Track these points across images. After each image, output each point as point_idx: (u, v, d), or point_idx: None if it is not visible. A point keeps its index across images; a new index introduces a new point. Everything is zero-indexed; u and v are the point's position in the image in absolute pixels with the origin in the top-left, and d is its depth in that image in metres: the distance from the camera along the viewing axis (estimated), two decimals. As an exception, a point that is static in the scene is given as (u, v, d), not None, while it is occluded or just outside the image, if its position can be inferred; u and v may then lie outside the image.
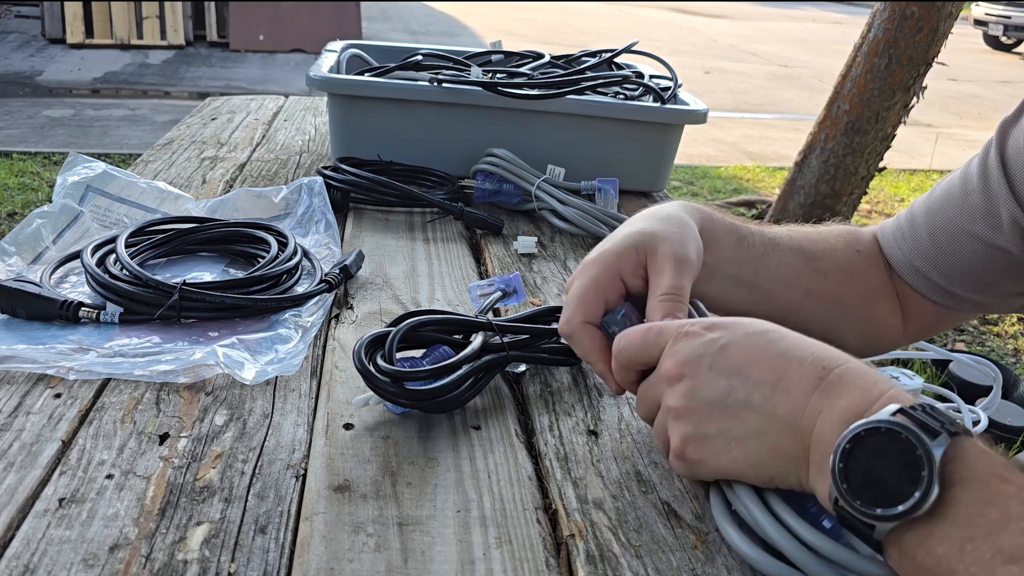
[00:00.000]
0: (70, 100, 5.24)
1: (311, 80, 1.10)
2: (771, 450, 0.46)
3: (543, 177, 1.05)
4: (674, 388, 0.50)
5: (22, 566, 0.44)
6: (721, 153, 5.26)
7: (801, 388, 0.45)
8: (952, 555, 0.37)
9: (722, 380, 0.47)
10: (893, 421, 0.40)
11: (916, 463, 0.39)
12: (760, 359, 0.47)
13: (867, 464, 0.40)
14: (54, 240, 0.83)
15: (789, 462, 0.45)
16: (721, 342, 0.48)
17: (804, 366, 0.46)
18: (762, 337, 0.48)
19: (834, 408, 0.44)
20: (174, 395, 0.61)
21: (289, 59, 6.84)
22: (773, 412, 0.46)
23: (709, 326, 0.50)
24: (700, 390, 0.48)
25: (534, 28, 9.96)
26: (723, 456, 0.48)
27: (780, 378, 0.46)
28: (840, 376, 0.45)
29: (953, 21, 2.93)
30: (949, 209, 0.70)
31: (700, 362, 0.48)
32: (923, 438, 0.39)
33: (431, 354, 0.63)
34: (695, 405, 0.48)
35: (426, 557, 0.48)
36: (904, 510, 0.38)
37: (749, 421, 0.46)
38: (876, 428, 0.40)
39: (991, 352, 2.83)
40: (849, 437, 0.41)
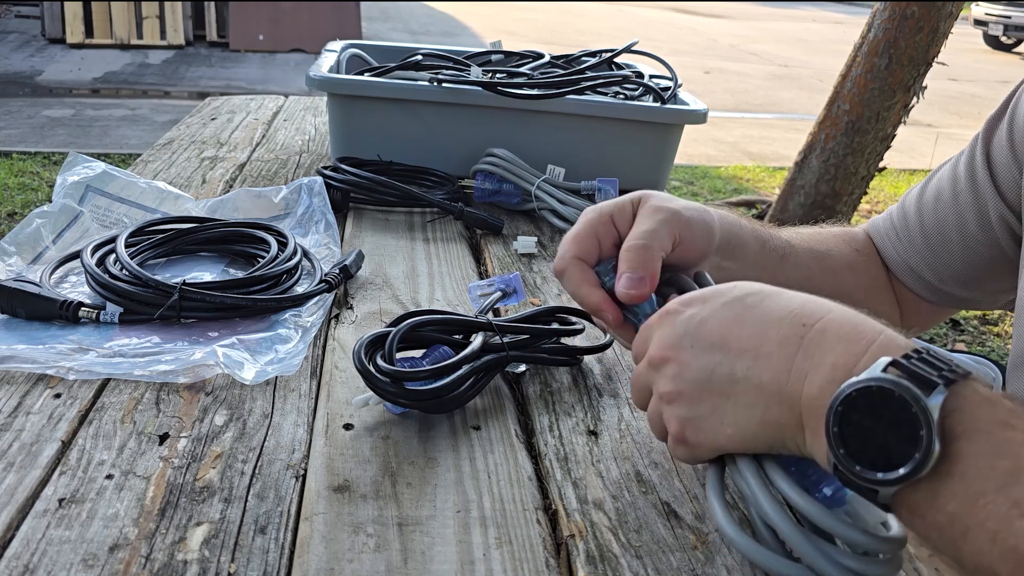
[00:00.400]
0: (70, 100, 5.24)
1: (311, 80, 1.10)
2: (762, 421, 0.44)
3: (543, 177, 1.05)
4: (662, 372, 0.48)
5: (22, 566, 0.44)
6: (721, 153, 5.26)
7: (783, 351, 0.43)
8: (965, 511, 0.36)
9: (705, 357, 0.46)
10: (884, 378, 0.37)
11: (913, 421, 0.36)
12: (739, 328, 0.45)
13: (863, 426, 0.38)
14: (54, 240, 0.83)
15: (783, 430, 0.43)
16: (699, 318, 0.47)
17: (783, 327, 0.44)
18: (740, 304, 0.46)
19: (820, 367, 0.41)
20: (174, 395, 0.61)
21: (289, 59, 6.84)
22: (759, 381, 0.44)
23: (688, 301, 0.49)
24: (686, 371, 0.47)
25: (534, 28, 9.96)
26: (719, 434, 0.46)
27: (760, 344, 0.44)
28: (822, 331, 0.43)
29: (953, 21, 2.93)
30: (940, 209, 0.71)
31: (682, 342, 0.47)
32: (918, 394, 0.36)
33: (431, 354, 0.63)
34: (683, 387, 0.47)
35: (426, 557, 0.48)
36: (905, 473, 0.36)
37: (737, 395, 0.45)
38: (867, 388, 0.38)
39: (991, 352, 2.83)
40: (840, 399, 0.38)
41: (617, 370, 0.71)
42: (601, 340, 0.71)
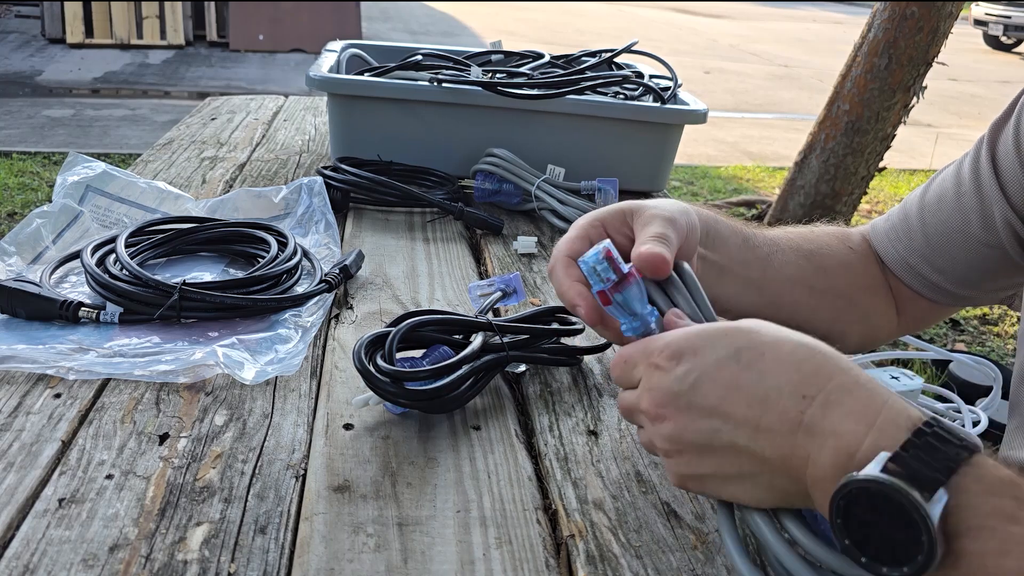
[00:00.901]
0: (70, 100, 5.24)
1: (311, 80, 1.10)
2: (769, 488, 0.44)
3: (543, 177, 1.05)
4: (657, 428, 0.47)
5: (22, 566, 0.44)
6: (721, 153, 5.26)
7: (783, 427, 0.42)
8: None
9: (703, 421, 0.45)
10: (883, 481, 0.37)
11: (914, 524, 0.36)
12: (735, 395, 0.44)
13: (866, 519, 0.38)
14: (54, 240, 0.83)
15: (792, 496, 0.43)
16: (691, 379, 0.45)
17: (783, 398, 0.42)
18: (735, 364, 0.44)
19: (823, 449, 0.41)
20: (174, 395, 0.61)
21: (289, 59, 6.84)
22: (762, 455, 0.43)
23: (677, 355, 0.46)
24: (684, 433, 0.46)
25: (534, 28, 9.96)
26: (723, 491, 0.46)
27: (760, 416, 0.43)
28: (823, 406, 0.41)
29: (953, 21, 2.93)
30: (943, 210, 0.71)
31: (677, 402, 0.46)
32: (917, 502, 0.36)
33: (431, 354, 0.63)
34: (681, 447, 0.46)
35: (426, 557, 0.48)
36: (909, 572, 0.37)
37: (740, 462, 0.44)
38: (866, 488, 0.37)
39: (991, 352, 2.83)
40: (842, 494, 0.38)
41: (617, 370, 0.71)
42: (601, 340, 0.71)
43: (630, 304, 0.51)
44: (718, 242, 0.65)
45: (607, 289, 0.50)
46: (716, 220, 0.66)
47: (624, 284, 0.50)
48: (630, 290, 0.50)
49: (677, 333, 0.48)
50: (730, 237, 0.66)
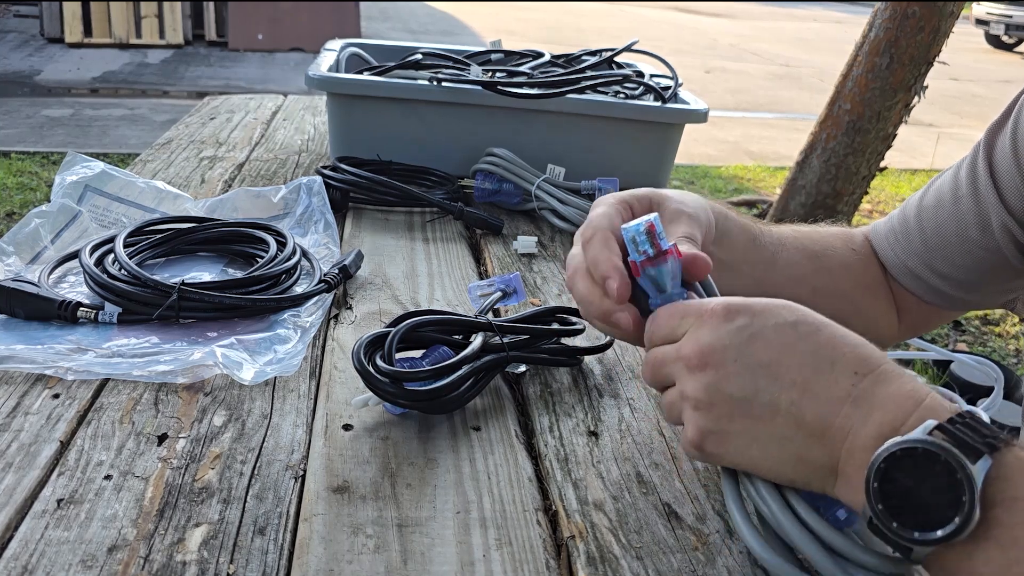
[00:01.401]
0: (69, 100, 5.23)
1: (310, 79, 1.10)
2: (796, 457, 0.43)
3: (543, 177, 1.05)
4: (694, 376, 0.46)
5: (20, 567, 0.44)
6: (722, 153, 5.25)
7: (832, 395, 0.43)
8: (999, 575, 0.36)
9: (748, 377, 0.44)
10: (931, 441, 0.38)
11: (956, 486, 0.37)
12: (790, 357, 0.44)
13: (903, 484, 0.38)
14: (52, 240, 0.83)
15: (815, 470, 0.43)
16: (747, 333, 0.45)
17: (836, 370, 0.43)
18: (792, 331, 0.45)
19: (868, 421, 0.41)
20: (173, 396, 0.61)
21: (288, 58, 6.84)
22: (801, 418, 0.43)
23: (736, 310, 0.46)
24: (724, 385, 0.45)
25: (534, 27, 9.96)
26: (743, 454, 0.45)
27: (810, 381, 0.43)
28: (874, 383, 0.42)
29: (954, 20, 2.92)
30: (941, 214, 0.71)
31: (725, 353, 0.45)
32: (964, 461, 0.37)
33: (431, 354, 0.63)
34: (717, 400, 0.45)
35: (426, 558, 0.47)
36: (943, 535, 0.37)
37: (774, 424, 0.44)
38: (912, 448, 0.38)
39: (992, 352, 2.83)
40: (884, 456, 0.39)
41: (617, 370, 0.70)
42: (601, 340, 0.71)
43: (662, 280, 0.51)
44: (726, 240, 0.65)
45: (642, 261, 0.51)
46: (727, 218, 0.66)
47: (660, 260, 0.51)
48: (665, 267, 0.51)
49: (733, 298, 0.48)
50: (738, 236, 0.66)
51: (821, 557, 0.42)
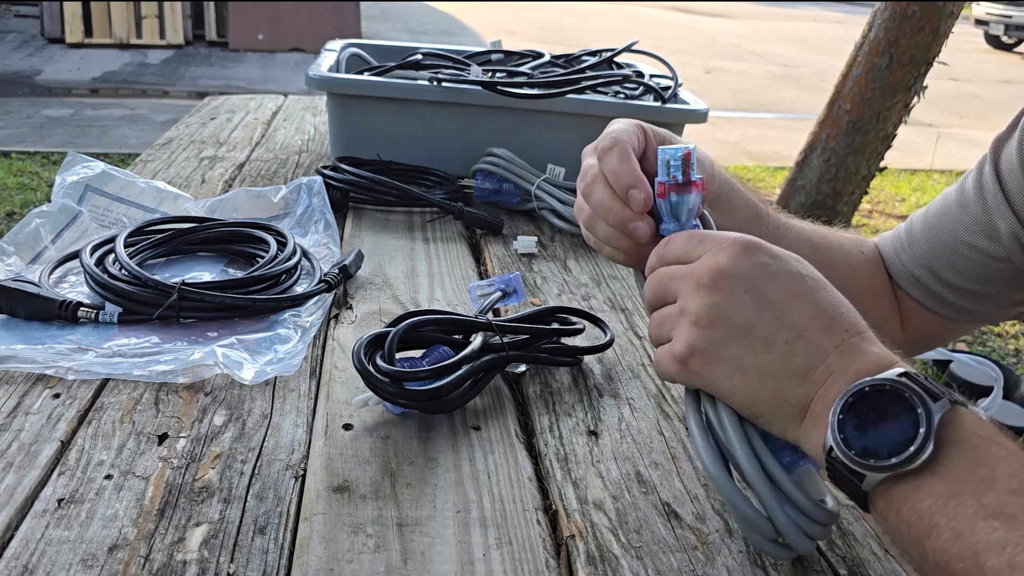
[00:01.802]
0: (69, 100, 5.23)
1: (310, 79, 1.10)
2: (774, 393, 0.46)
3: (543, 177, 1.05)
4: (701, 294, 0.47)
5: (21, 566, 0.44)
6: (722, 153, 5.25)
7: (823, 344, 0.46)
8: (936, 509, 0.39)
9: (753, 309, 0.46)
10: (898, 380, 0.41)
11: (915, 421, 0.40)
12: (796, 302, 0.47)
13: (867, 418, 0.41)
14: (53, 240, 0.83)
15: (787, 409, 0.46)
16: (764, 271, 0.47)
17: (832, 324, 0.46)
18: (803, 281, 0.47)
19: (847, 371, 0.44)
20: (173, 395, 0.61)
21: (288, 58, 6.84)
22: (791, 358, 0.46)
23: (757, 247, 0.48)
24: (728, 309, 0.47)
25: (534, 28, 9.96)
26: (724, 380, 0.47)
27: (808, 328, 0.46)
28: (860, 341, 0.46)
29: (954, 21, 2.93)
30: (947, 222, 0.72)
31: (739, 282, 0.47)
32: (925, 397, 0.40)
33: (431, 354, 0.63)
34: (717, 321, 0.47)
35: (426, 558, 0.47)
36: (897, 462, 0.40)
37: (764, 358, 0.46)
38: (880, 385, 0.41)
39: (992, 352, 2.83)
40: (853, 391, 0.42)
41: (617, 370, 0.70)
42: (601, 340, 0.71)
43: (680, 208, 0.53)
44: (726, 208, 0.65)
45: (670, 185, 0.53)
46: (732, 187, 0.66)
47: (686, 189, 0.53)
48: (688, 197, 0.53)
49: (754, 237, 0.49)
50: (741, 208, 0.67)
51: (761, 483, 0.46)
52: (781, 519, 0.46)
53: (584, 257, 0.96)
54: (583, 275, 0.91)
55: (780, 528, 0.46)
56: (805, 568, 0.49)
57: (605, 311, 0.82)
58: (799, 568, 0.49)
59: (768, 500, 0.46)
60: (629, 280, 0.90)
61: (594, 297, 0.85)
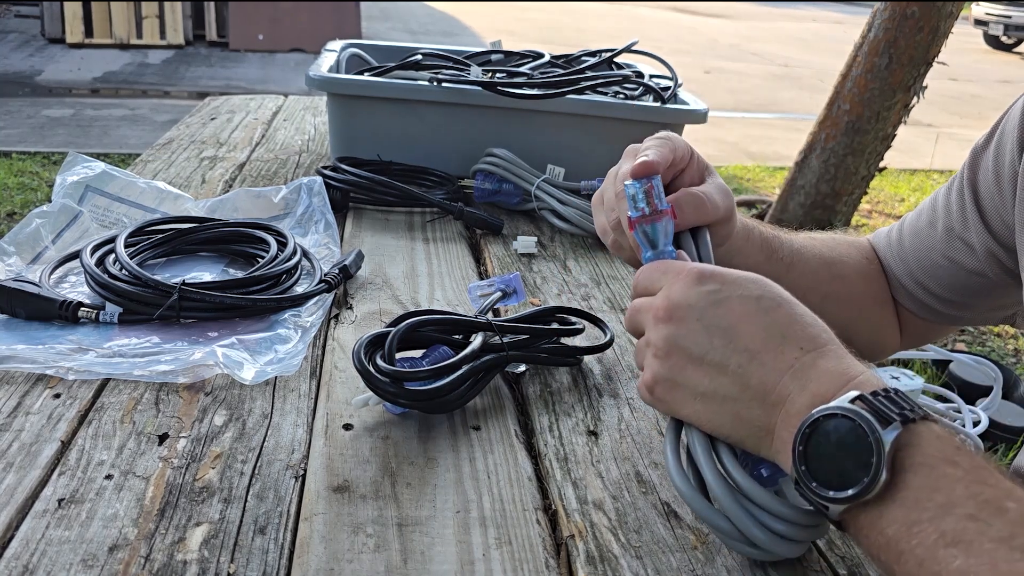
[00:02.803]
0: (70, 100, 5.23)
1: (311, 80, 1.10)
2: (735, 415, 0.47)
3: (543, 177, 1.05)
4: (659, 327, 0.50)
5: (21, 566, 0.44)
6: (721, 153, 5.25)
7: (778, 365, 0.46)
8: (900, 536, 0.39)
9: (705, 336, 0.48)
10: (848, 408, 0.41)
11: (868, 450, 0.40)
12: (746, 326, 0.48)
13: (824, 448, 0.42)
14: (53, 240, 0.83)
15: (753, 430, 0.47)
16: (716, 297, 0.49)
17: (785, 343, 0.47)
18: (755, 303, 0.48)
19: (803, 391, 0.45)
20: (173, 395, 0.61)
21: (288, 59, 6.84)
22: (746, 381, 0.47)
23: (708, 276, 0.50)
24: (682, 339, 0.49)
25: (534, 28, 9.96)
26: (686, 406, 0.49)
27: (760, 350, 0.47)
28: (815, 358, 0.46)
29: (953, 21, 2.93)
30: (931, 236, 0.73)
31: (690, 312, 0.49)
32: (875, 426, 0.40)
33: (431, 354, 0.63)
34: (673, 351, 0.49)
35: (426, 557, 0.47)
36: (853, 494, 0.40)
37: (720, 383, 0.48)
38: (832, 415, 0.42)
39: (991, 352, 2.83)
40: (809, 422, 0.42)
41: (617, 370, 0.71)
42: (601, 340, 0.71)
43: (655, 236, 0.56)
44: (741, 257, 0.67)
45: (637, 218, 0.56)
46: (748, 233, 0.68)
47: (655, 218, 0.56)
48: (659, 224, 0.56)
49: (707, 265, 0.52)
50: (755, 253, 0.69)
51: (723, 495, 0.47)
52: (750, 528, 0.46)
53: (584, 257, 0.96)
54: (583, 275, 0.91)
55: (750, 536, 0.47)
56: (805, 568, 0.50)
57: (605, 311, 0.82)
58: (799, 568, 0.50)
59: (733, 511, 0.47)
60: (629, 280, 0.90)
61: (594, 297, 0.85)
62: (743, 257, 0.67)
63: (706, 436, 0.49)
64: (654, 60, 1.27)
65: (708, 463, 0.48)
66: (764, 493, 0.47)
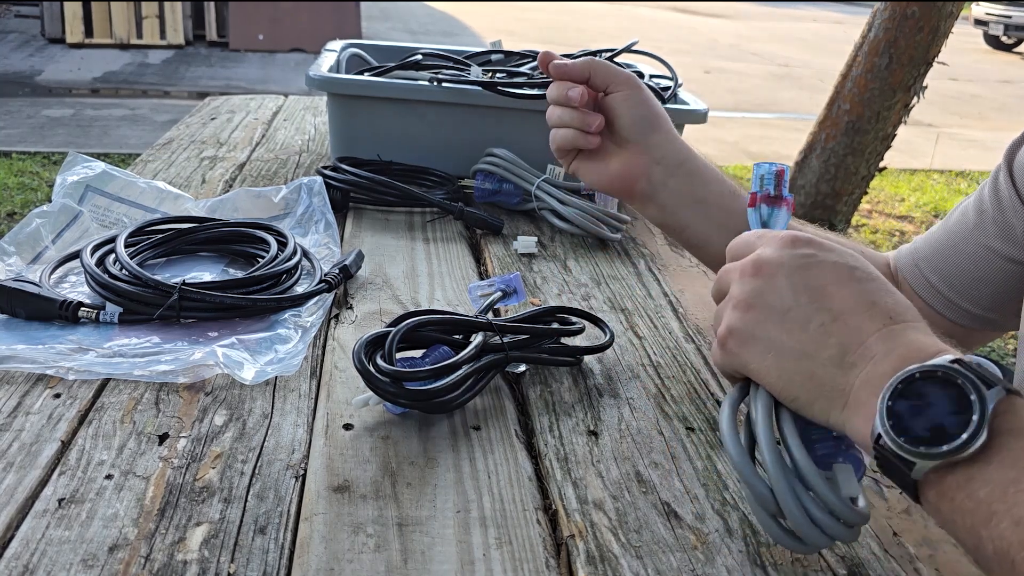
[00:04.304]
0: (70, 100, 5.24)
1: (311, 80, 1.10)
2: (809, 374, 0.46)
3: (543, 177, 1.05)
4: (744, 281, 0.50)
5: (21, 566, 0.44)
6: (721, 153, 5.26)
7: (862, 329, 0.46)
8: (995, 497, 0.38)
9: (790, 293, 0.48)
10: (950, 367, 0.40)
11: (968, 407, 0.39)
12: (836, 289, 0.47)
13: (917, 405, 0.40)
14: (53, 240, 0.83)
15: (825, 391, 0.46)
16: (807, 260, 0.48)
17: (873, 310, 0.46)
18: (847, 270, 0.48)
19: (890, 355, 0.44)
20: (173, 395, 0.61)
21: (289, 59, 6.84)
22: (826, 340, 0.46)
23: (805, 241, 0.50)
24: (767, 293, 0.48)
25: (534, 28, 9.96)
26: (759, 360, 0.48)
27: (846, 313, 0.46)
28: (904, 329, 0.45)
29: (953, 21, 2.93)
30: (965, 228, 0.73)
31: (779, 269, 0.49)
32: (979, 384, 0.39)
33: (431, 354, 0.63)
34: (755, 303, 0.49)
35: (426, 557, 0.47)
36: (950, 449, 0.39)
37: (799, 340, 0.47)
38: (932, 371, 0.41)
39: (991, 352, 2.83)
40: (903, 377, 0.41)
41: (617, 370, 0.71)
42: (601, 340, 0.71)
43: (771, 222, 0.57)
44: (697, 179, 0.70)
45: (762, 196, 0.56)
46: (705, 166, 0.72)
47: (777, 203, 0.57)
48: (778, 211, 0.56)
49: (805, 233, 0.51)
50: (713, 182, 0.72)
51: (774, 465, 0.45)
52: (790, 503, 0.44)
53: (584, 257, 0.96)
54: (583, 275, 0.91)
55: (786, 512, 0.45)
56: (805, 568, 0.50)
57: (605, 311, 0.82)
58: (799, 568, 0.50)
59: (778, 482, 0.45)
60: (629, 280, 0.90)
61: (594, 297, 0.85)
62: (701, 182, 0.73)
63: (771, 399, 0.48)
64: (654, 60, 1.27)
65: (765, 423, 0.46)
66: (816, 472, 0.45)
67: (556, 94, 0.75)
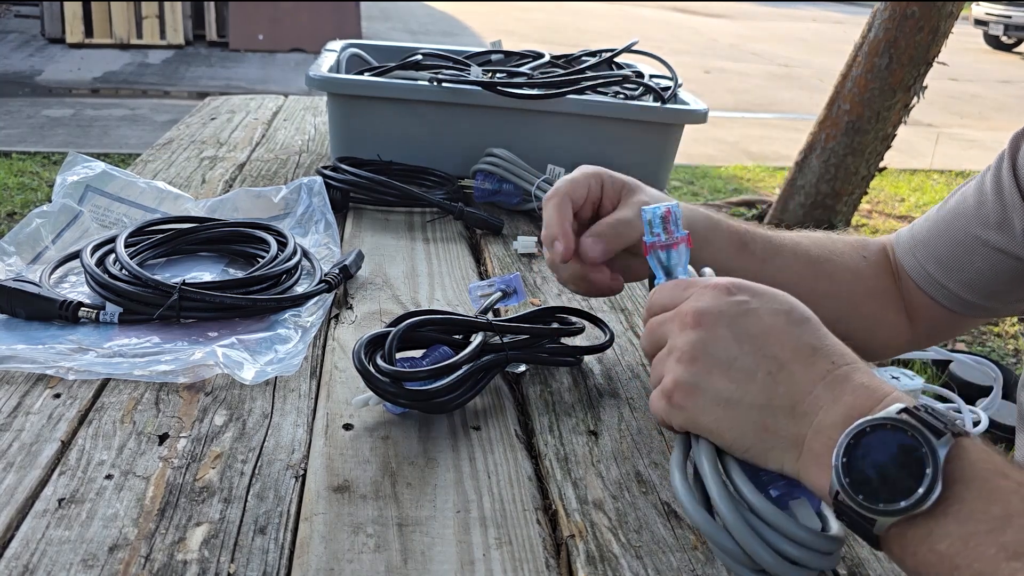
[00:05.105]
0: (70, 100, 5.24)
1: (311, 80, 1.10)
2: (761, 425, 0.46)
3: (543, 177, 1.05)
4: (685, 333, 0.49)
5: (21, 566, 0.44)
6: (721, 153, 5.26)
7: (808, 375, 0.45)
8: (956, 551, 0.38)
9: (734, 343, 0.47)
10: (899, 419, 0.40)
11: (921, 461, 0.39)
12: (776, 336, 0.47)
13: (870, 460, 0.40)
14: (53, 240, 0.83)
15: (777, 441, 0.45)
16: (745, 308, 0.48)
17: (816, 355, 0.46)
18: (784, 317, 0.48)
19: (838, 402, 0.44)
20: (173, 395, 0.61)
21: (289, 59, 6.84)
22: (775, 389, 0.46)
23: (739, 287, 0.50)
24: (711, 344, 0.48)
25: (534, 28, 9.96)
26: (707, 413, 0.47)
27: (790, 360, 0.46)
28: (848, 374, 0.45)
29: (953, 21, 2.93)
30: (962, 218, 0.73)
31: (720, 319, 0.48)
32: (928, 436, 0.39)
33: (431, 354, 0.63)
34: (699, 356, 0.48)
35: (426, 557, 0.47)
36: (907, 505, 0.39)
37: (747, 390, 0.46)
38: (882, 424, 0.40)
39: (991, 352, 2.83)
40: (854, 432, 0.41)
41: (617, 370, 0.71)
42: (601, 340, 0.71)
43: (670, 264, 0.56)
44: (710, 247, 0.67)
45: (652, 243, 0.56)
46: (715, 224, 0.69)
47: (671, 245, 0.56)
48: (673, 253, 0.56)
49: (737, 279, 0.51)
50: (724, 243, 0.69)
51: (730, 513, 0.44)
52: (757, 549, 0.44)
53: (584, 257, 0.96)
54: (583, 275, 0.91)
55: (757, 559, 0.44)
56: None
57: (605, 311, 0.82)
58: (798, 568, 0.49)
59: (738, 529, 0.44)
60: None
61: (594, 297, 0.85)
62: (711, 247, 0.68)
63: (713, 448, 0.47)
64: (654, 60, 1.27)
65: (714, 476, 0.46)
66: (776, 511, 0.44)
67: (550, 260, 0.68)
